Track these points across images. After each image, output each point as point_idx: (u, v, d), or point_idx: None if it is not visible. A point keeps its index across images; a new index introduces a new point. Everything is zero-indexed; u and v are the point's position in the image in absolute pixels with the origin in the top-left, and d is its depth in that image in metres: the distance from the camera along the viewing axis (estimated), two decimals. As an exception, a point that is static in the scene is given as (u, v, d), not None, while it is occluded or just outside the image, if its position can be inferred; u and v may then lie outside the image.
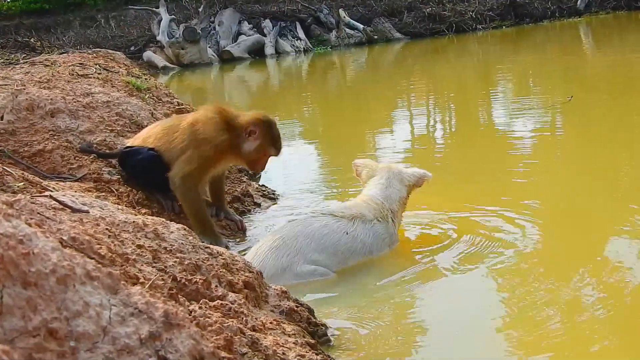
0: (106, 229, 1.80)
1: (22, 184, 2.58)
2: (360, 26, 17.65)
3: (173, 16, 17.55)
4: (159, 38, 16.98)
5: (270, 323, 1.88)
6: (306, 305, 2.21)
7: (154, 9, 17.89)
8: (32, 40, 8.86)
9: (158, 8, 17.50)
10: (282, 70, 15.05)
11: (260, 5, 19.09)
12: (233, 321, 1.62)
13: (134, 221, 1.97)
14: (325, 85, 11.58)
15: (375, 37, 17.37)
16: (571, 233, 3.15)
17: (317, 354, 1.80)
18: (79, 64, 5.20)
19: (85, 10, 23.40)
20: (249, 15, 18.33)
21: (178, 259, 1.89)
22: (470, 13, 17.56)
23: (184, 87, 12.85)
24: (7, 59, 5.93)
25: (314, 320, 2.15)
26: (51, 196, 1.87)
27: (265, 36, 17.57)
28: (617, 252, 2.79)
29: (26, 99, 3.59)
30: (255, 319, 1.83)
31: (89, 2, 23.85)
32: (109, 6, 23.09)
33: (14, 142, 3.37)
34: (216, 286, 1.83)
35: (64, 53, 6.67)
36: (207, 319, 1.55)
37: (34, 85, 3.97)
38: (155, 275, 1.68)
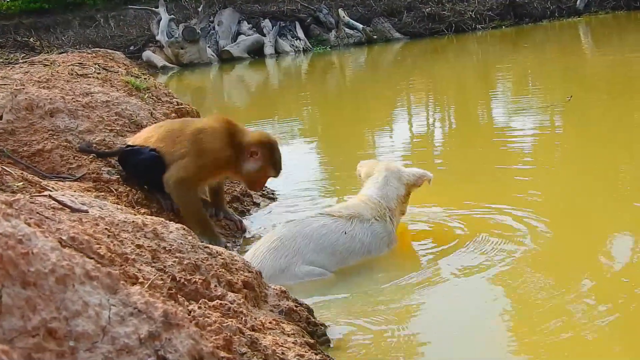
0: (105, 228, 1.80)
1: (22, 183, 2.57)
2: (360, 26, 17.65)
3: (172, 16, 17.54)
4: (158, 38, 16.98)
5: (270, 323, 1.87)
6: (305, 305, 2.21)
7: (154, 9, 17.87)
8: (32, 39, 8.85)
9: (157, 8, 17.49)
10: (282, 70, 15.04)
11: (259, 5, 19.09)
12: (232, 321, 1.62)
13: (133, 221, 1.97)
14: (324, 85, 11.57)
15: (375, 37, 17.36)
16: (571, 233, 3.15)
17: (317, 354, 1.80)
18: (78, 63, 5.19)
19: (85, 9, 23.39)
20: (248, 15, 18.33)
21: (177, 259, 1.89)
22: (470, 13, 17.55)
23: (183, 87, 12.84)
24: (7, 59, 5.91)
25: (314, 320, 2.14)
26: (50, 196, 1.87)
27: (265, 36, 17.57)
28: (618, 252, 2.79)
29: (25, 98, 3.58)
30: (255, 318, 1.83)
31: (89, 2, 23.84)
32: (109, 6, 23.08)
33: (13, 142, 3.36)
34: (215, 286, 1.83)
35: (63, 53, 6.64)
36: (207, 319, 1.55)
37: (33, 84, 3.97)
38: (154, 275, 1.68)
